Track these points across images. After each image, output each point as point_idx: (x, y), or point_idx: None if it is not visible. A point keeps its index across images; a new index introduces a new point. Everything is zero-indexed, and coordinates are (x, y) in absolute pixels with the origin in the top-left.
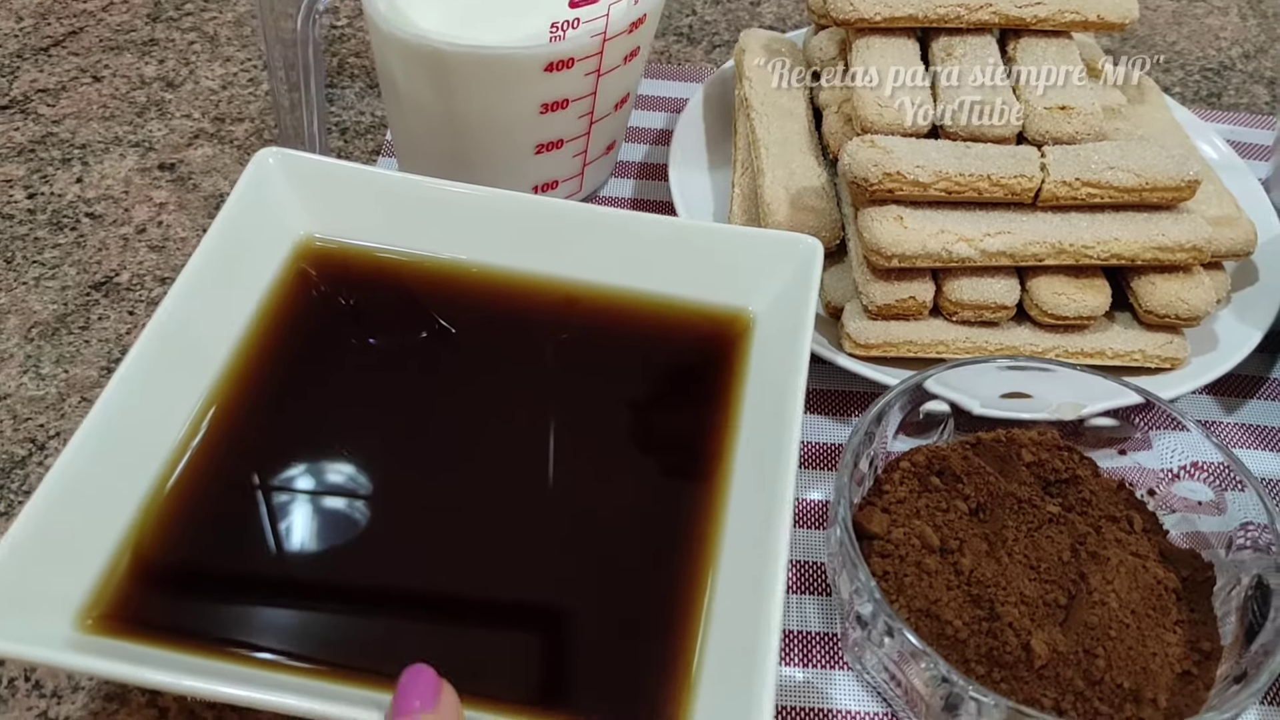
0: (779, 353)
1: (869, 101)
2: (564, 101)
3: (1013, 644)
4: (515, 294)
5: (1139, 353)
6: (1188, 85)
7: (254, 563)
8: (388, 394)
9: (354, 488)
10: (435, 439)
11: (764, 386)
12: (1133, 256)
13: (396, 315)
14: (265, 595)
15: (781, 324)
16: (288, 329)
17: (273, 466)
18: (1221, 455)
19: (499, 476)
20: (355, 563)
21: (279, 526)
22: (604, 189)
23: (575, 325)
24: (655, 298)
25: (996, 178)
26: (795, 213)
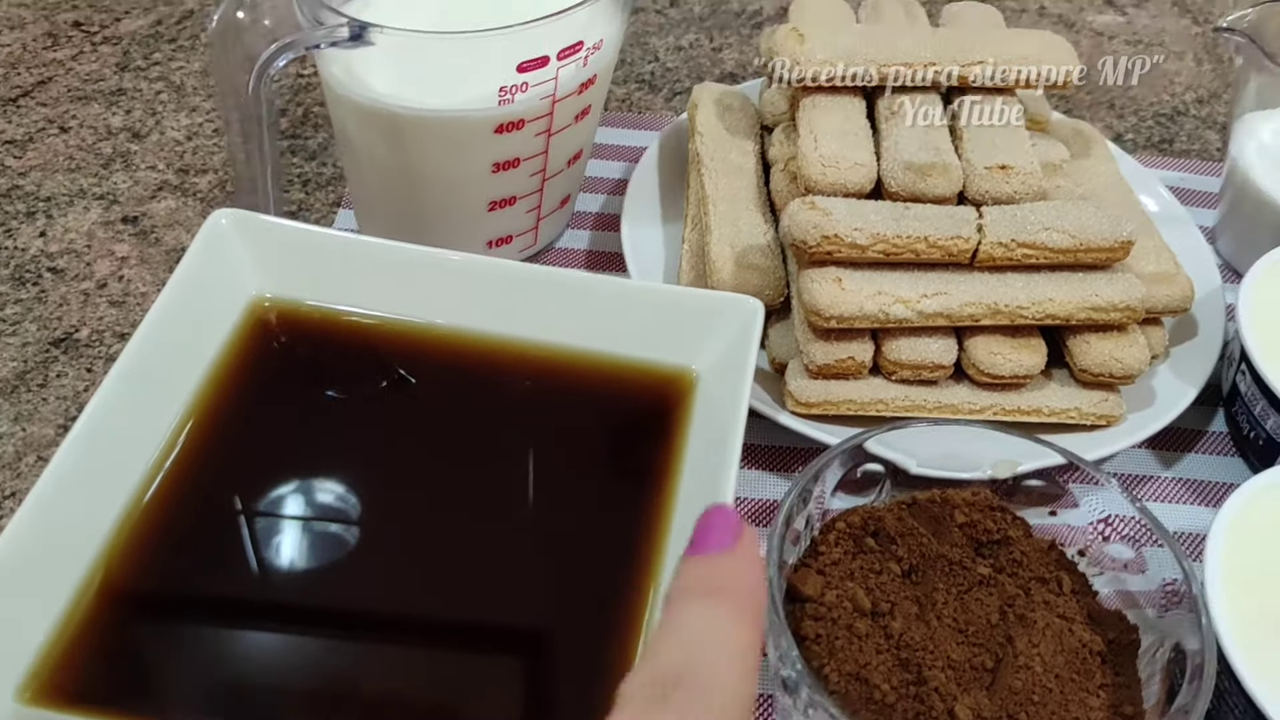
0: (720, 411)
1: (813, 161)
2: (515, 161)
3: (939, 709)
4: (465, 353)
5: (1075, 410)
6: (1140, 131)
7: (200, 632)
8: (340, 454)
9: (307, 552)
10: (387, 499)
11: (705, 444)
12: (1067, 316)
13: (349, 375)
14: (210, 667)
15: (723, 383)
16: (240, 391)
17: (223, 534)
18: (1139, 513)
19: (447, 531)
20: (306, 625)
21: (229, 596)
22: (560, 241)
23: (524, 384)
24: (602, 356)
25: (933, 240)
26: (740, 271)
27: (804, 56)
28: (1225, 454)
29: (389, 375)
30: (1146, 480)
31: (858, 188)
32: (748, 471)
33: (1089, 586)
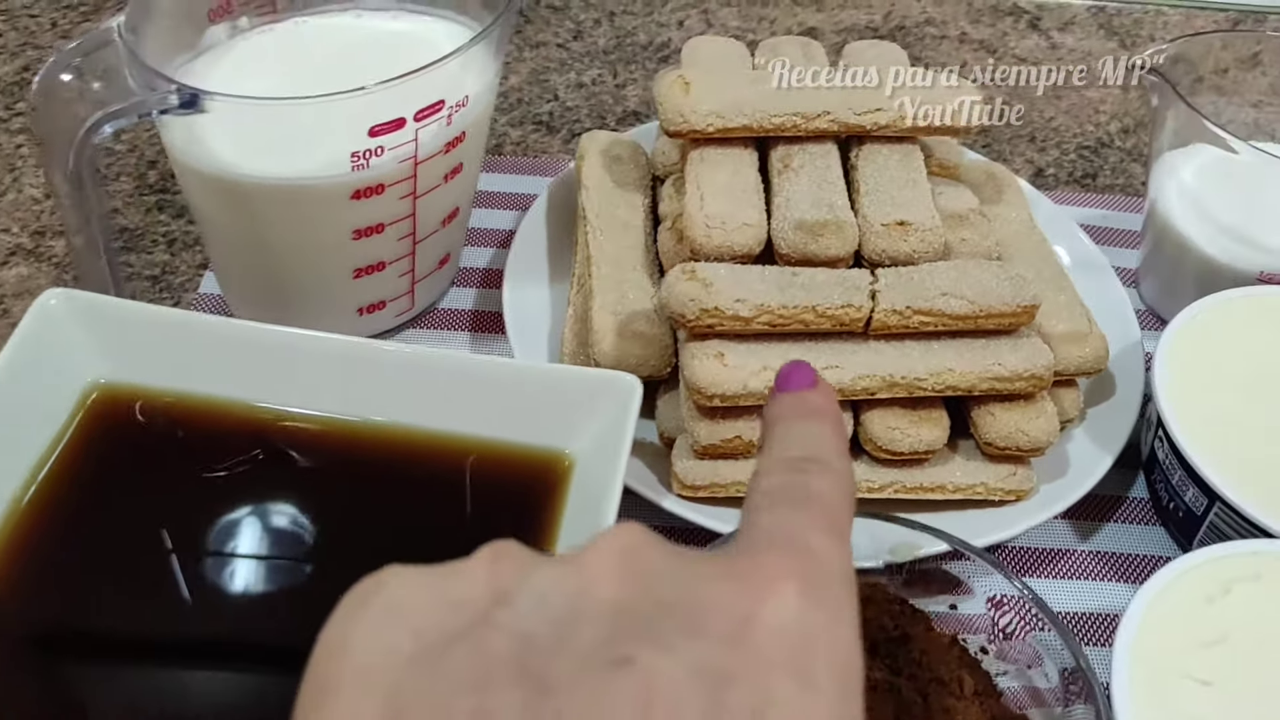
0: (595, 497)
1: (698, 222)
2: (379, 226)
3: None
4: (323, 439)
5: (981, 485)
6: (1063, 165)
7: None
8: (184, 553)
9: (146, 674)
10: (236, 603)
11: (579, 533)
12: (969, 388)
13: (197, 465)
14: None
15: (599, 467)
16: (74, 483)
17: (51, 630)
18: (1026, 598)
19: (299, 632)
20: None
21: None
22: (443, 301)
23: (387, 472)
24: (471, 441)
25: (822, 309)
26: (622, 341)
27: (689, 108)
28: (1147, 523)
29: (242, 466)
30: (1059, 555)
31: (746, 250)
32: None
33: (993, 687)
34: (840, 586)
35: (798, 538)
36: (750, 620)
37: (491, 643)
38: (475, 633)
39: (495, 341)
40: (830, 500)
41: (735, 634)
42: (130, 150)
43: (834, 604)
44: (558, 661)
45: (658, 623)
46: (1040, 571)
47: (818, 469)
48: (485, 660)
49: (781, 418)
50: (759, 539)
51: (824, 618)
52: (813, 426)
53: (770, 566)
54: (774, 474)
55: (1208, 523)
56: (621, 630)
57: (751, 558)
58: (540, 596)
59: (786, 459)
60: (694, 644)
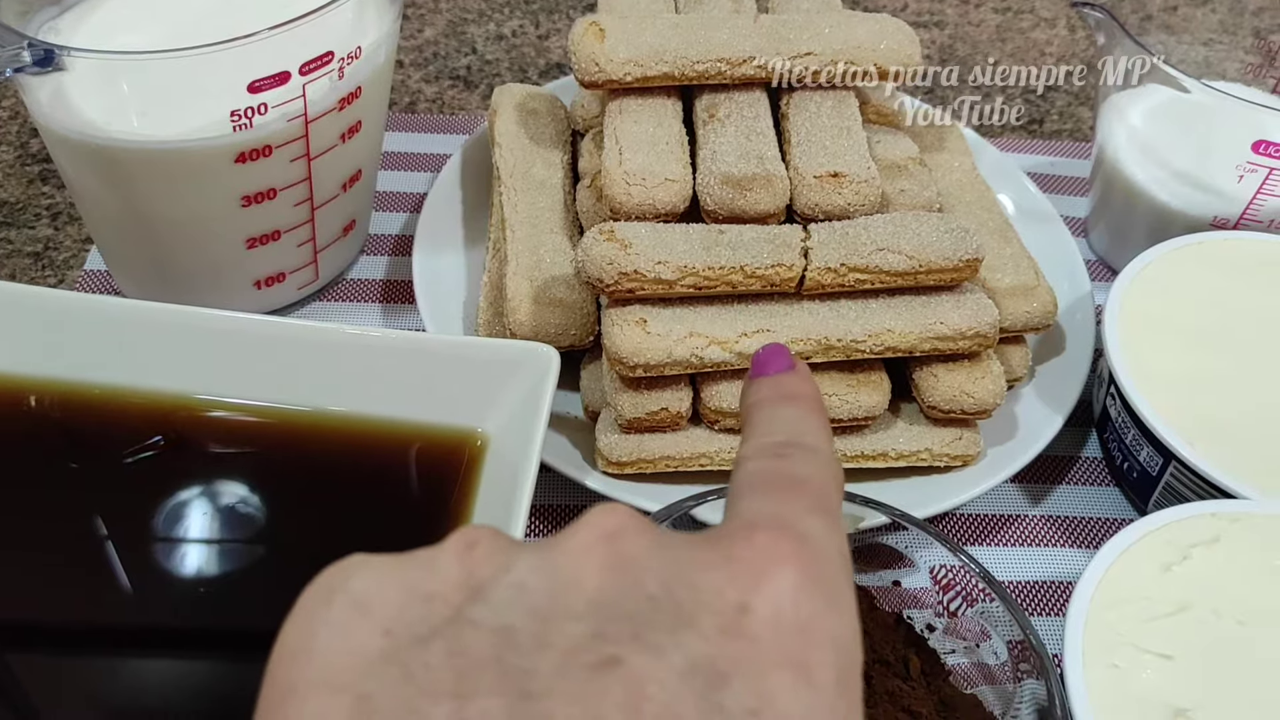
0: (509, 478)
1: (617, 179)
2: (270, 191)
3: None
4: (224, 426)
5: (925, 451)
6: (1008, 112)
7: None
8: (71, 546)
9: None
10: (135, 594)
11: (492, 516)
12: (909, 348)
13: (91, 454)
14: None
15: (515, 445)
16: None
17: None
18: (973, 571)
19: (210, 610)
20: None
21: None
22: (351, 271)
23: (291, 458)
24: (380, 423)
25: (751, 269)
26: (539, 309)
27: (605, 57)
28: (1101, 484)
29: (142, 454)
30: (1011, 521)
31: (669, 207)
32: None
33: (941, 666)
34: (837, 570)
35: (789, 521)
36: (744, 609)
37: (469, 641)
38: (451, 630)
39: (408, 313)
40: (818, 483)
41: (729, 626)
42: (12, 117)
43: (831, 589)
44: (540, 661)
45: (646, 617)
46: (990, 539)
47: (802, 453)
48: (463, 660)
49: (760, 403)
50: (748, 524)
51: (821, 604)
52: (793, 410)
53: (764, 550)
54: (757, 459)
55: (1163, 483)
56: (607, 626)
57: (744, 540)
58: (518, 588)
59: (769, 444)
60: (685, 639)
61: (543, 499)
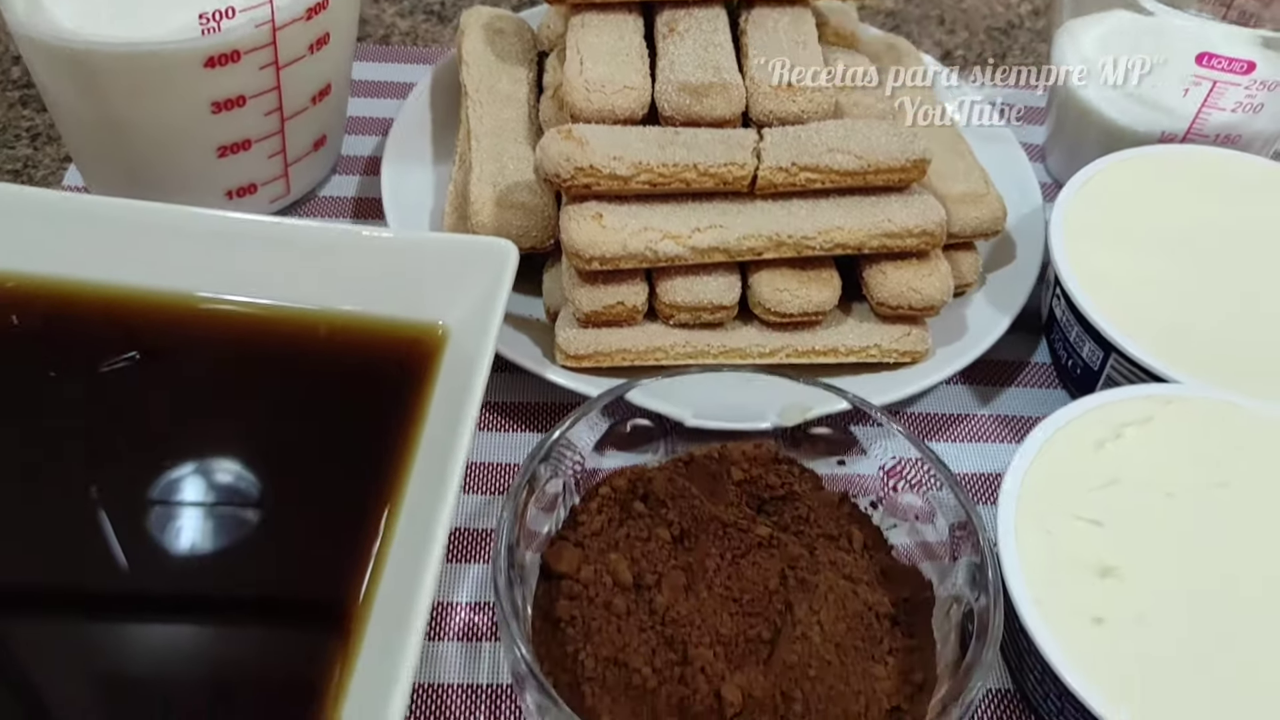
0: (465, 367)
1: (577, 86)
2: (240, 99)
3: (704, 691)
4: (185, 319)
5: (875, 348)
6: (971, 47)
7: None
8: (48, 439)
9: (24, 548)
10: (107, 484)
11: (448, 409)
12: (858, 245)
13: (51, 349)
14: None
15: (472, 336)
16: None
17: None
18: (923, 456)
19: (171, 512)
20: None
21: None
22: (323, 188)
23: (254, 353)
24: (341, 317)
25: (705, 167)
26: (501, 212)
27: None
28: (1047, 386)
29: (101, 349)
30: (960, 419)
31: (628, 113)
32: (515, 435)
33: (883, 540)
34: None
35: None
36: None
37: None
38: None
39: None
40: None
41: None
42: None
43: None
44: None
45: None
46: (939, 435)
47: None
48: None
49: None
50: None
51: None
52: None
53: None
54: None
55: (1104, 376)
56: None
57: None
58: None
59: None
60: None
61: (506, 397)
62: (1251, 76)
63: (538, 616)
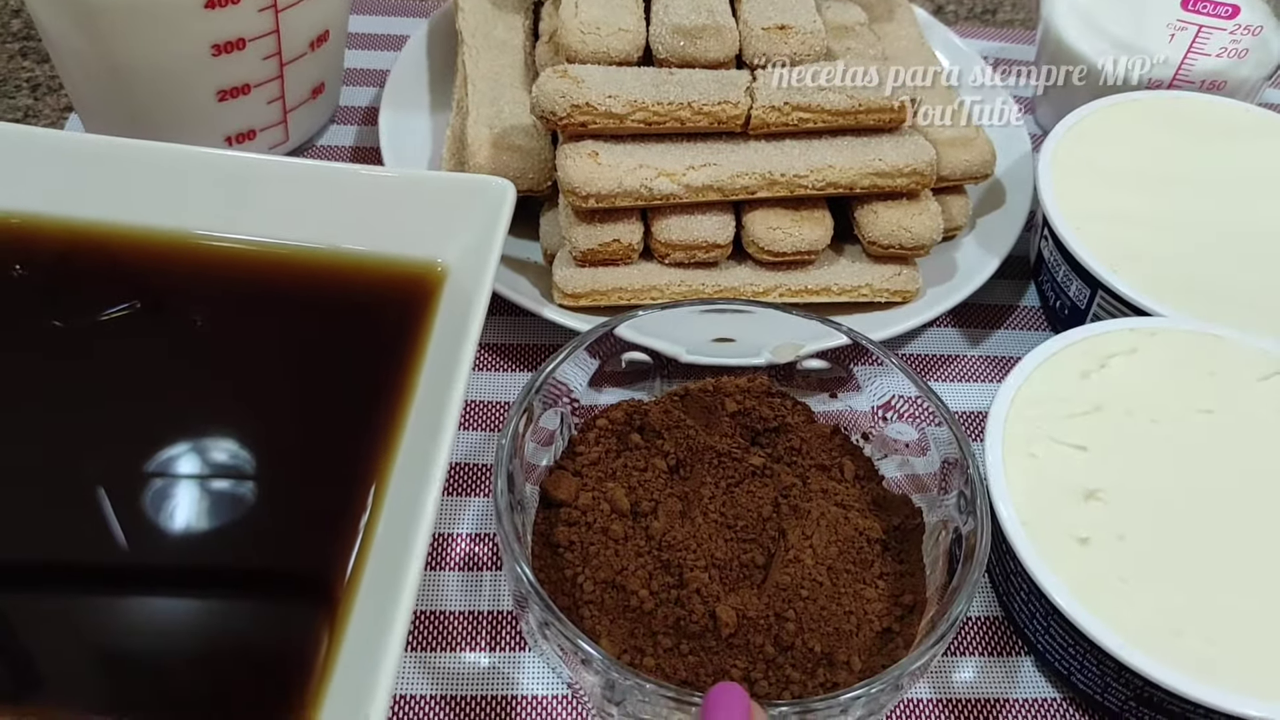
0: (464, 302)
1: (572, 28)
2: (239, 41)
3: (699, 612)
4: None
5: (866, 287)
6: (962, 2)
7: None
8: (55, 372)
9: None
10: (109, 428)
11: (447, 343)
12: (850, 184)
13: (49, 288)
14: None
15: (472, 275)
16: None
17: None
18: (920, 392)
19: (179, 439)
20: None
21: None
22: (321, 137)
23: (253, 292)
24: (341, 256)
25: (699, 105)
26: (498, 154)
27: None
28: (1036, 328)
29: (102, 289)
30: (951, 360)
31: (623, 55)
32: (514, 375)
33: (874, 471)
34: None
35: None
36: None
37: None
38: None
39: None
40: None
41: None
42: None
43: None
44: None
45: None
46: (930, 375)
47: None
48: None
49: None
50: None
51: None
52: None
53: None
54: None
55: (1091, 314)
56: None
57: None
58: None
59: None
60: None
61: (504, 338)
62: (1236, 21)
63: (537, 543)
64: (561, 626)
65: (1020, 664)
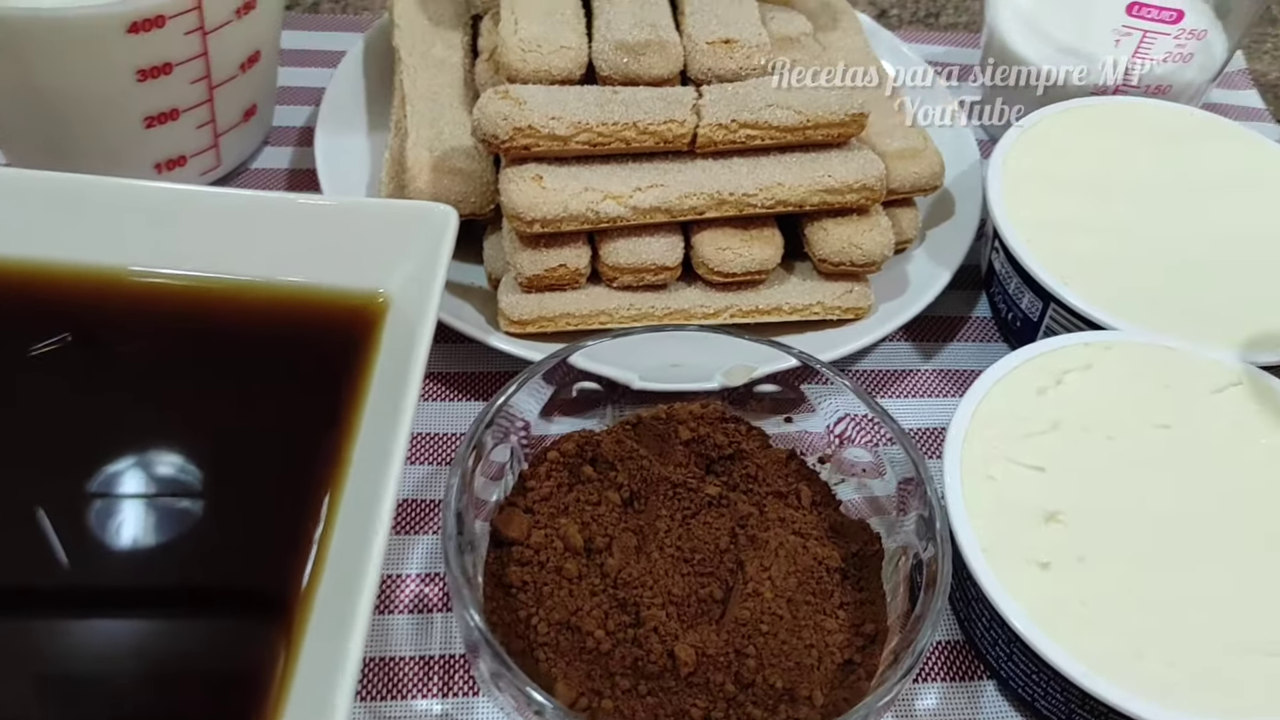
0: (408, 334)
1: (512, 46)
2: (165, 66)
3: (657, 651)
4: (114, 294)
5: (818, 305)
6: (905, 6)
7: None
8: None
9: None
10: (37, 471)
11: (392, 377)
12: (799, 201)
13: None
14: None
15: (415, 306)
16: None
17: None
18: (873, 412)
19: (110, 488)
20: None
21: None
22: (255, 160)
23: (191, 328)
24: (279, 288)
25: (645, 125)
26: (439, 177)
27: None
28: (989, 340)
29: (32, 328)
30: (905, 375)
31: (565, 73)
32: (461, 404)
33: (831, 496)
34: None
35: None
36: None
37: None
38: None
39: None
40: None
41: None
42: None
43: None
44: None
45: None
46: (884, 392)
47: None
48: None
49: None
50: None
51: None
52: None
53: None
54: None
55: (1044, 327)
56: None
57: None
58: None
59: None
60: None
61: (450, 366)
62: (1180, 25)
63: (489, 584)
64: (513, 676)
65: (983, 689)
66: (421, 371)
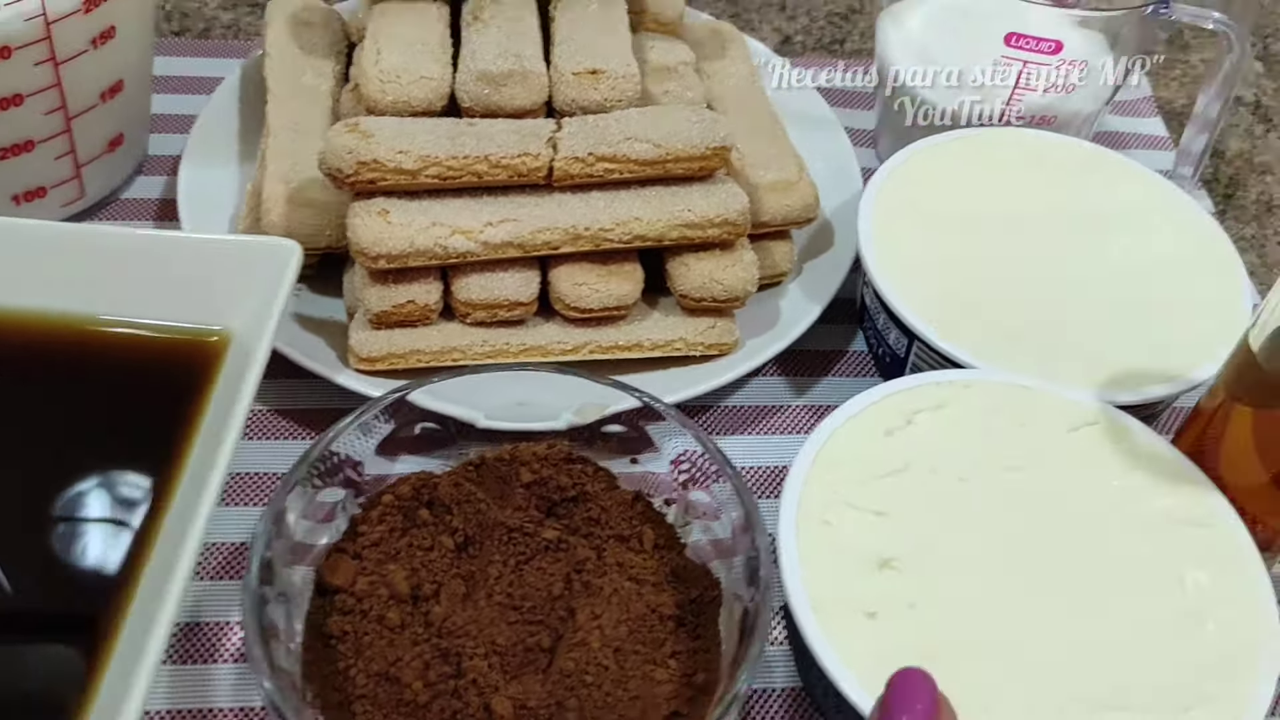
0: (240, 371)
1: (371, 77)
2: (15, 97)
3: (475, 705)
4: None
5: (680, 341)
6: (810, 33)
7: None
8: None
9: None
10: None
11: (223, 413)
12: (658, 236)
13: None
14: None
15: (252, 338)
16: None
17: None
18: (708, 451)
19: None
20: None
21: None
22: (127, 190)
23: (13, 366)
24: (119, 324)
25: (497, 158)
26: (293, 210)
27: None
28: (864, 374)
29: None
30: (775, 411)
31: (425, 104)
32: (306, 443)
33: (676, 539)
34: None
35: None
36: None
37: None
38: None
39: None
40: None
41: None
42: None
43: None
44: None
45: None
46: (753, 428)
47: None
48: None
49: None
50: None
51: None
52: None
53: None
54: None
55: (910, 364)
56: None
57: None
58: None
59: None
60: None
61: (299, 402)
62: (1059, 56)
63: (309, 634)
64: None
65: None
66: (246, 408)
